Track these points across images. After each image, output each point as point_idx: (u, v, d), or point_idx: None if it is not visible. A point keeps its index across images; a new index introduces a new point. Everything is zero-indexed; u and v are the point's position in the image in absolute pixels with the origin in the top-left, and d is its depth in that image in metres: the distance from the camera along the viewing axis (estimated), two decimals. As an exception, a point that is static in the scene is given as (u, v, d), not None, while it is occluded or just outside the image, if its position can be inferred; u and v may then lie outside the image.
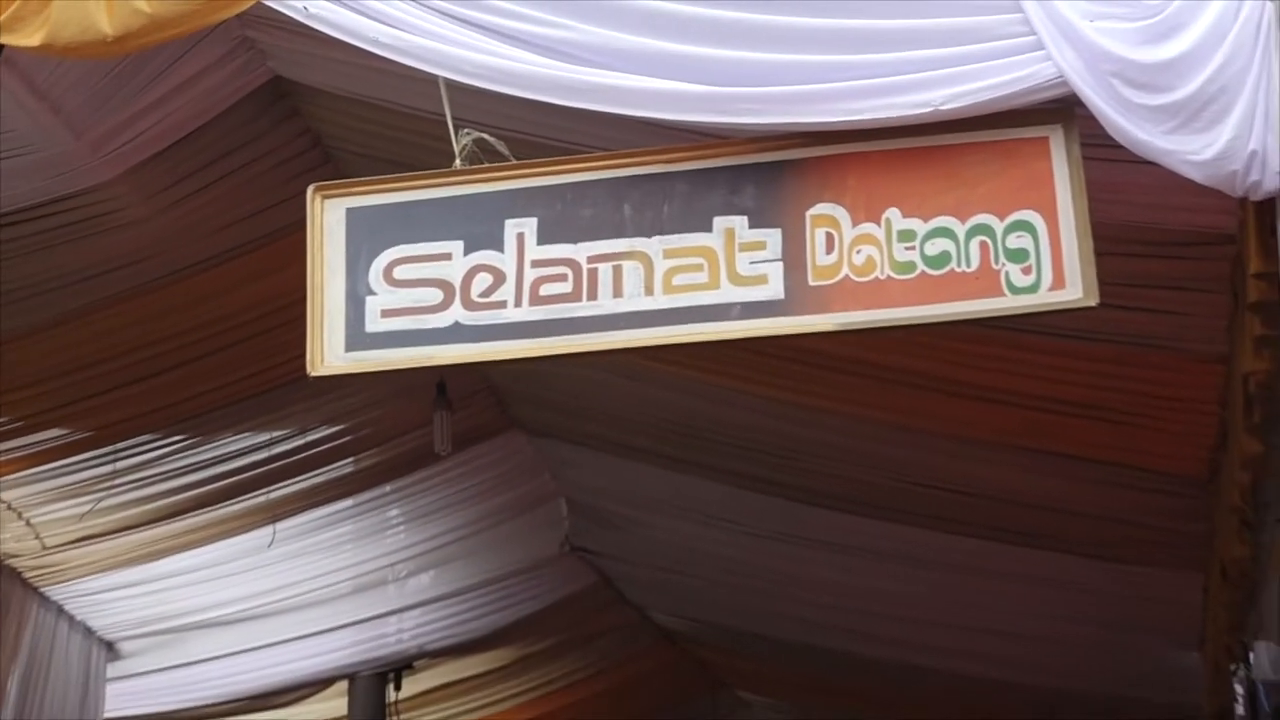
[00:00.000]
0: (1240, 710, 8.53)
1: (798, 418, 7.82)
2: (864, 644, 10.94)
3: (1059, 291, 4.67)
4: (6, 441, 8.46)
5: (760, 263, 4.80)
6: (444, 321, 4.97)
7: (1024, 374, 6.68)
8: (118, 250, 7.15)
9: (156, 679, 11.29)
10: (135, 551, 9.76)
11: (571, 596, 11.40)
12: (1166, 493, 7.37)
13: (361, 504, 9.81)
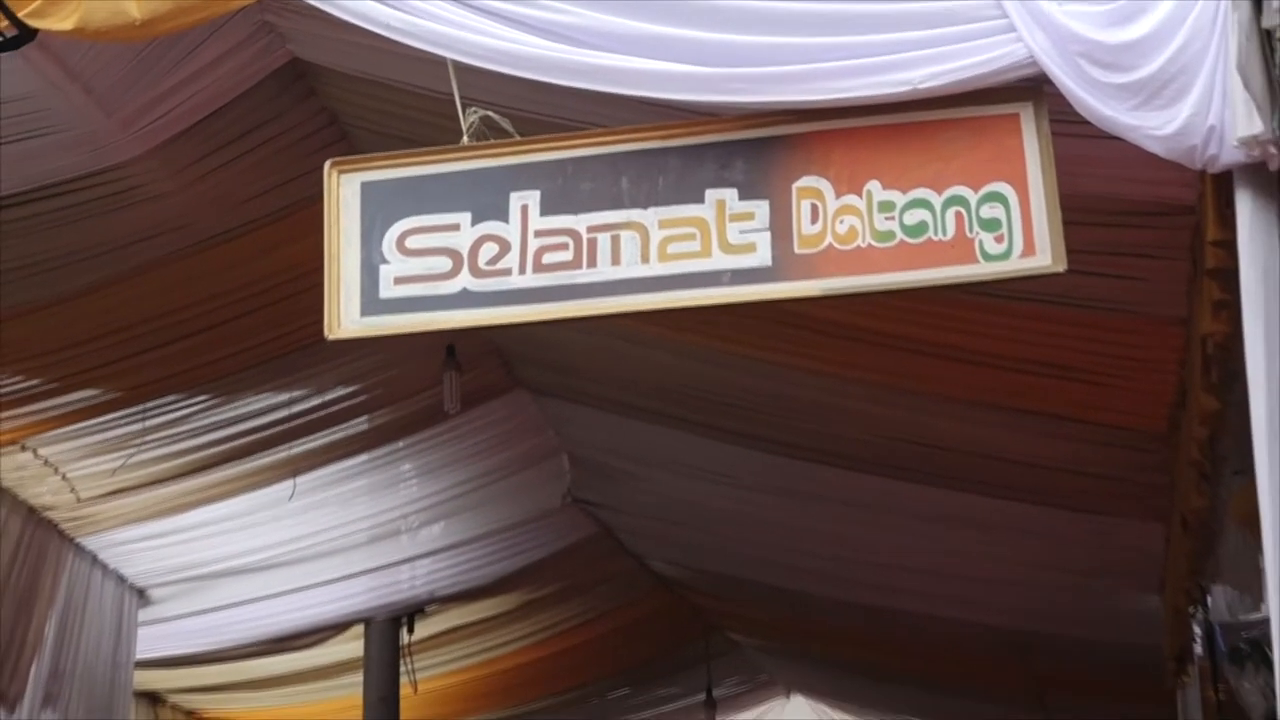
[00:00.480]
0: (1198, 650, 8.56)
1: (786, 378, 7.84)
2: (848, 589, 10.96)
3: (1029, 258, 4.70)
4: (44, 401, 8.50)
5: (749, 232, 4.83)
6: (453, 288, 5.00)
7: (996, 336, 6.70)
8: (147, 222, 7.17)
9: (185, 623, 11.33)
10: (164, 504, 9.78)
11: (573, 546, 11.43)
12: (1130, 447, 7.39)
13: (376, 459, 9.83)
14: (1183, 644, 8.62)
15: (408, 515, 10.54)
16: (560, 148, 5.00)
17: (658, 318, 5.54)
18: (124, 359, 8.21)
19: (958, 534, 9.24)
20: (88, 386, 8.45)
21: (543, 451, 10.23)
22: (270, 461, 9.48)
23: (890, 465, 8.58)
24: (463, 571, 11.37)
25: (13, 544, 9.55)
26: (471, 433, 9.74)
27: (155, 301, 7.76)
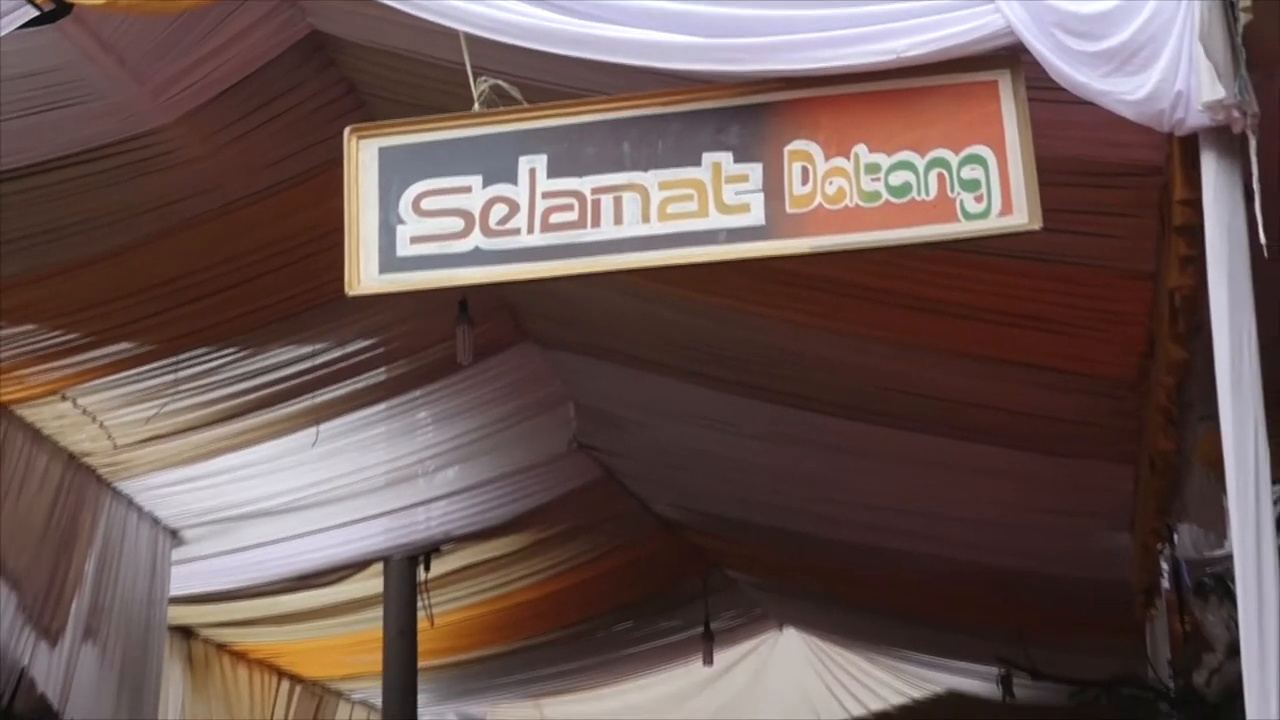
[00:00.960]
0: (1165, 585, 8.59)
1: (779, 331, 7.84)
2: (838, 528, 10.98)
3: (1007, 217, 4.71)
4: (82, 354, 8.52)
5: (744, 193, 4.85)
6: (465, 247, 5.02)
7: (976, 290, 6.71)
8: (177, 185, 7.17)
9: (215, 562, 11.37)
10: (195, 450, 9.81)
11: (579, 489, 11.45)
12: (1102, 394, 7.40)
13: (393, 408, 9.85)
14: (1151, 579, 8.65)
15: (424, 460, 10.57)
16: (566, 114, 5.01)
17: (658, 274, 5.55)
18: (156, 314, 8.22)
19: (941, 477, 9.25)
20: (123, 340, 8.47)
21: (550, 400, 10.24)
22: (294, 410, 9.51)
23: (877, 413, 8.59)
24: (475, 513, 11.40)
25: (53, 488, 9.58)
26: (483, 383, 9.75)
27: (185, 260, 7.77)
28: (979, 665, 12.19)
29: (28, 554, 9.44)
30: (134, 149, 6.82)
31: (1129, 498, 8.27)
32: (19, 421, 9.10)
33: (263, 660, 13.84)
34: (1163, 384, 6.31)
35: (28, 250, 7.41)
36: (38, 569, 9.55)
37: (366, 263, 5.01)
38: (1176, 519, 7.83)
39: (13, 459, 9.13)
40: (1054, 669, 9.01)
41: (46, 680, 9.80)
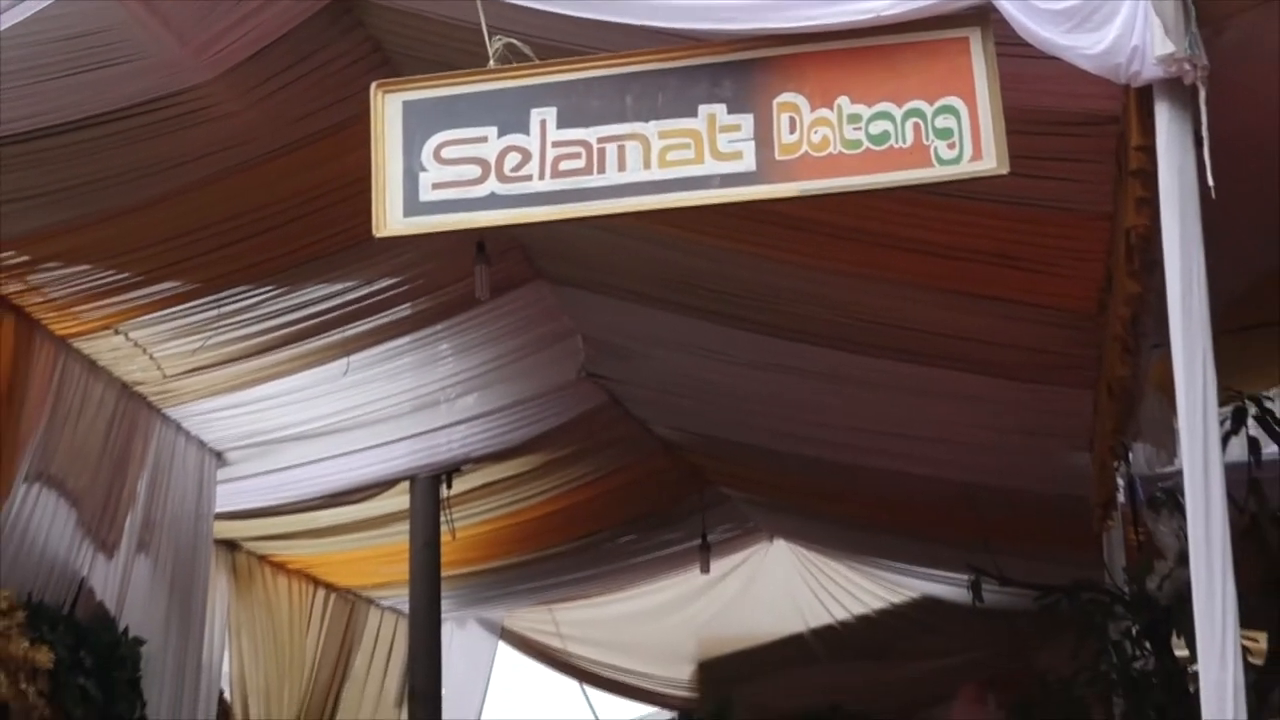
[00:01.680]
0: (1121, 499, 8.61)
1: (770, 269, 7.84)
2: (824, 449, 11.00)
3: (977, 162, 4.73)
4: (133, 291, 8.54)
5: (736, 141, 4.88)
6: (482, 192, 5.04)
7: (949, 230, 6.70)
8: (216, 137, 7.17)
9: (256, 481, 11.40)
10: (237, 379, 9.83)
11: (586, 414, 11.46)
12: (1063, 325, 7.40)
13: (417, 340, 9.85)
14: (1108, 494, 8.66)
15: (445, 388, 10.58)
16: (573, 70, 5.04)
17: (659, 216, 5.53)
18: (199, 255, 8.23)
19: (917, 401, 9.27)
20: (169, 279, 8.47)
21: (560, 333, 10.24)
22: (327, 343, 9.52)
23: (858, 343, 8.60)
24: (492, 436, 11.43)
25: (108, 415, 9.60)
26: (499, 317, 9.75)
27: (225, 206, 7.77)
28: (951, 572, 12.22)
29: (85, 475, 9.47)
30: (176, 104, 6.81)
31: (1088, 420, 8.29)
32: (76, 354, 9.12)
33: (300, 570, 13.88)
34: (1119, 315, 6.30)
35: (79, 197, 7.42)
36: (94, 488, 9.59)
37: (392, 207, 5.03)
38: (1131, 439, 7.85)
39: (70, 388, 9.16)
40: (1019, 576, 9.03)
41: (104, 589, 9.85)
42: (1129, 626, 8.17)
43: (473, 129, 5.02)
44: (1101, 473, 8.49)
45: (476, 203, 5.00)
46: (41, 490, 9.10)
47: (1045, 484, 9.66)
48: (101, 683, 9.53)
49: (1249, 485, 7.06)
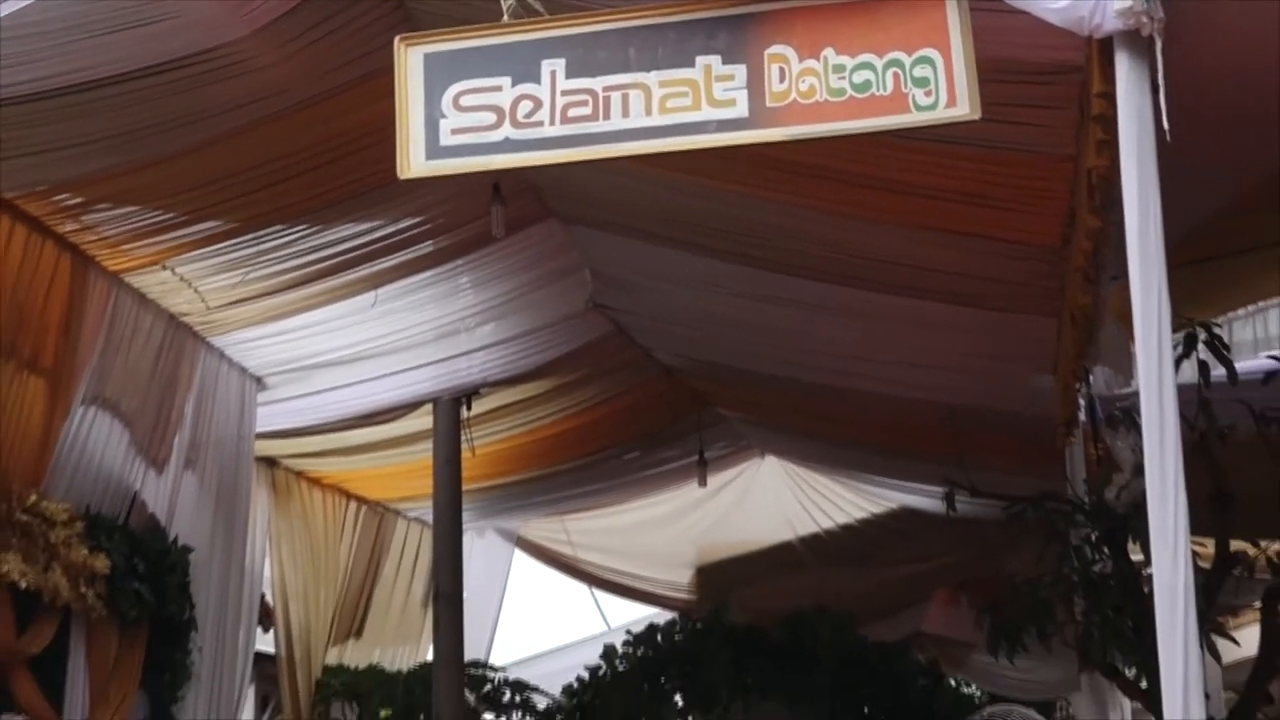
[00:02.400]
0: (1082, 418, 8.62)
1: (761, 207, 7.83)
2: (812, 373, 11.00)
3: (952, 109, 4.73)
4: (178, 230, 8.56)
5: (730, 90, 4.89)
6: (497, 137, 5.05)
7: (924, 171, 6.68)
8: (252, 88, 7.15)
9: (293, 404, 11.42)
10: (275, 310, 9.84)
11: (594, 341, 11.46)
12: (1030, 259, 7.39)
13: (439, 275, 9.84)
14: (1070, 413, 8.68)
15: (464, 318, 10.57)
16: (581, 24, 5.04)
17: (660, 159, 5.55)
18: (238, 197, 8.23)
19: (896, 329, 9.26)
20: (212, 219, 8.48)
21: (569, 267, 10.23)
22: (356, 277, 9.53)
23: (843, 275, 8.59)
24: (508, 362, 11.43)
25: (157, 343, 9.62)
26: (513, 253, 9.74)
27: (261, 151, 7.78)
28: (927, 485, 12.24)
29: (137, 397, 9.51)
30: (215, 58, 6.79)
31: (1052, 345, 8.29)
32: (127, 288, 9.14)
33: (334, 485, 13.94)
34: (1081, 249, 6.30)
35: (128, 144, 7.42)
36: (145, 410, 9.62)
37: (415, 151, 5.03)
38: (1092, 363, 7.85)
39: (123, 319, 9.18)
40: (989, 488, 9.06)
41: (155, 502, 9.90)
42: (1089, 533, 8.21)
43: (488, 79, 5.02)
44: (1064, 394, 8.51)
45: (492, 147, 5.01)
46: (97, 412, 9.14)
47: (1013, 404, 9.67)
48: (154, 587, 9.60)
49: (1199, 405, 7.08)
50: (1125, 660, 7.97)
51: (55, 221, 8.22)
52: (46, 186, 7.85)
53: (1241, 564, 8.00)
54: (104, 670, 9.25)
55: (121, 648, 9.44)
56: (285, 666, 13.41)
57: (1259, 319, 9.19)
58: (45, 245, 8.29)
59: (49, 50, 6.38)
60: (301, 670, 13.51)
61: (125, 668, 9.47)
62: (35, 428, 8.55)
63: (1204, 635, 5.50)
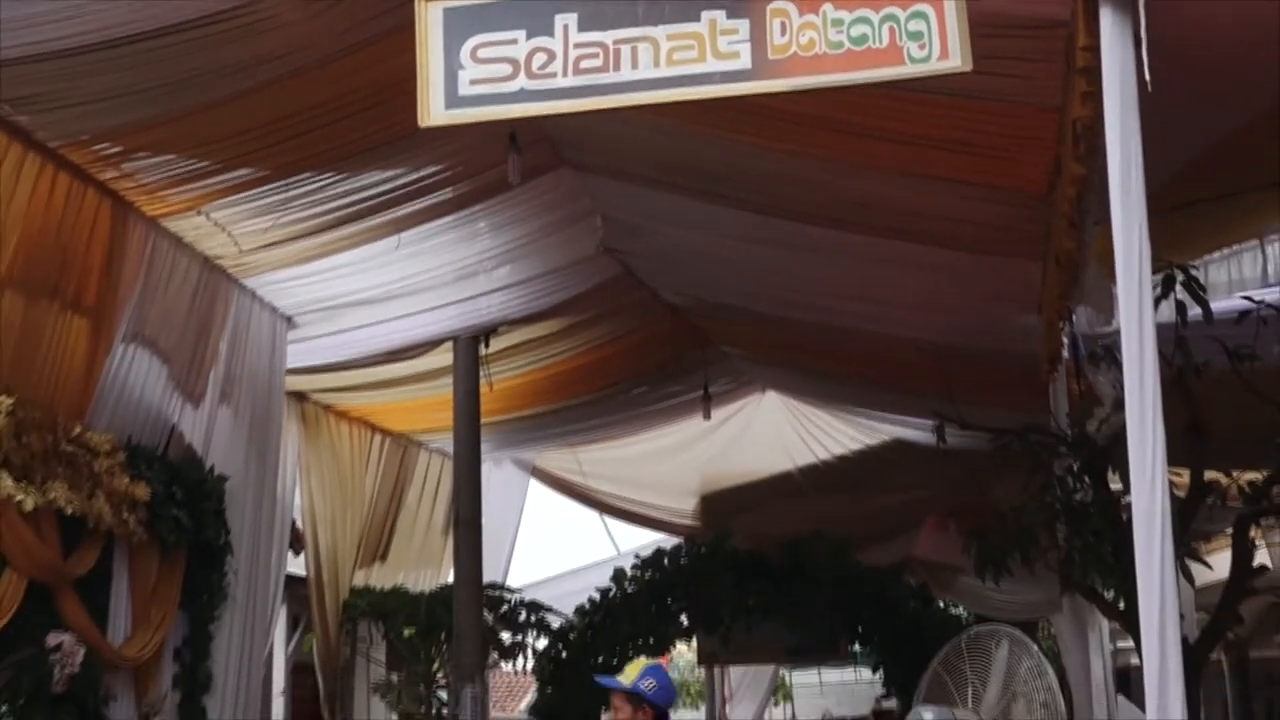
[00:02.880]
0: (1065, 354, 8.63)
1: (762, 155, 7.81)
2: (808, 312, 11.01)
3: (944, 61, 4.72)
4: (213, 178, 8.53)
5: (734, 43, 4.88)
6: (513, 88, 5.05)
7: (918, 121, 6.66)
8: (282, 44, 7.11)
9: (321, 341, 11.43)
10: (304, 253, 9.83)
11: (604, 283, 11.43)
12: (1017, 205, 7.38)
13: (458, 219, 9.81)
14: (1054, 350, 8.69)
15: (482, 261, 10.56)
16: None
17: (667, 109, 5.52)
18: (269, 146, 8.19)
19: (889, 271, 9.27)
20: (244, 166, 8.45)
21: (581, 213, 10.20)
22: (381, 221, 9.50)
23: (839, 220, 8.58)
24: (523, 302, 11.42)
25: (193, 285, 9.62)
26: (528, 199, 9.70)
27: (290, 103, 7.73)
28: (918, 418, 12.28)
29: (174, 335, 9.52)
30: (246, 14, 6.72)
31: (1038, 286, 8.28)
32: (165, 232, 9.13)
33: (360, 418, 13.98)
34: (1066, 195, 6.29)
35: (164, 96, 7.39)
36: (182, 347, 9.64)
37: (435, 101, 5.04)
38: (1075, 303, 7.85)
39: (160, 261, 9.17)
40: (977, 421, 9.07)
41: (192, 433, 9.93)
42: (1071, 464, 8.24)
43: (504, 33, 5.01)
44: (1049, 332, 8.51)
45: (508, 96, 5.01)
46: (137, 350, 9.15)
47: (1000, 342, 9.67)
48: (191, 513, 9.65)
49: (1176, 343, 7.08)
50: (1104, 583, 8.02)
51: (96, 169, 8.21)
52: (87, 136, 7.83)
53: (1214, 492, 8.03)
54: (145, 592, 9.32)
55: (161, 571, 9.50)
56: (315, 588, 13.51)
57: (1233, 261, 9.17)
58: (87, 192, 8.27)
59: (89, 6, 6.35)
60: (330, 591, 13.61)
61: (165, 590, 9.53)
62: (79, 364, 8.57)
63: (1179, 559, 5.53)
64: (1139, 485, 4.35)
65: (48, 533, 8.19)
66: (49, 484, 8.06)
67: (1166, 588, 4.32)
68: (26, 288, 7.92)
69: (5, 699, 7.72)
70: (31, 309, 8.01)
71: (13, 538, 7.83)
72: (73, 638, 8.24)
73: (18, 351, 7.92)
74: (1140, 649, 4.43)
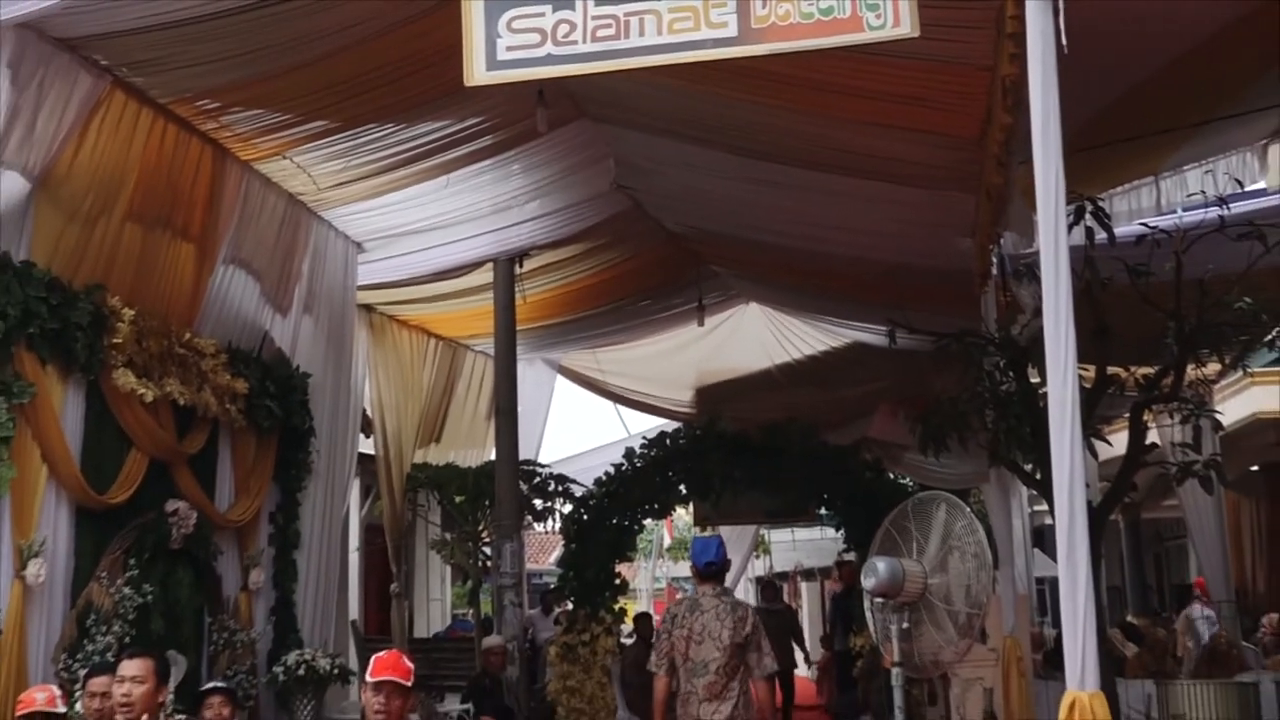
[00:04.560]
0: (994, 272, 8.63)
1: (747, 108, 7.76)
2: (785, 238, 10.97)
3: (897, 28, 4.69)
4: (294, 128, 8.56)
5: (723, 15, 4.88)
6: (542, 53, 5.03)
7: (874, 79, 6.61)
8: (350, 17, 7.10)
9: (385, 263, 11.44)
10: (371, 190, 9.83)
11: (617, 215, 11.41)
12: (956, 148, 7.34)
13: (497, 162, 9.80)
14: (985, 268, 8.68)
15: (515, 196, 10.54)
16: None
17: (668, 69, 5.48)
18: (339, 101, 8.19)
19: (852, 204, 9.23)
20: (320, 118, 8.44)
21: (598, 156, 10.17)
22: (433, 164, 9.50)
23: (811, 162, 8.54)
24: (549, 230, 11.41)
25: (279, 216, 9.65)
26: (553, 145, 9.68)
27: (357, 65, 7.71)
28: (874, 324, 12.27)
29: (265, 258, 9.56)
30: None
31: (972, 215, 8.27)
32: (256, 173, 9.14)
33: (417, 325, 14.04)
34: (995, 140, 6.28)
35: (256, 60, 7.39)
36: (271, 268, 9.68)
37: (478, 64, 5.01)
38: (1002, 229, 7.84)
39: (253, 198, 9.20)
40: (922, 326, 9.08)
41: (281, 339, 10.02)
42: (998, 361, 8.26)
43: (534, 7, 4.98)
44: (981, 253, 8.51)
45: (537, 60, 4.99)
46: (234, 270, 9.22)
47: (941, 261, 9.66)
48: (281, 404, 9.76)
49: (1085, 261, 7.09)
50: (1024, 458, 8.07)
51: (199, 121, 8.21)
52: (192, 94, 7.83)
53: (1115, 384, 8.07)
54: (245, 467, 9.45)
55: (257, 450, 9.62)
56: (382, 464, 13.65)
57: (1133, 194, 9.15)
58: (191, 141, 8.28)
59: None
60: (395, 466, 13.74)
61: (261, 465, 9.66)
62: (187, 282, 8.63)
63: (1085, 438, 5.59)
64: (1054, 378, 4.38)
65: (165, 419, 8.30)
66: (165, 380, 8.16)
67: (1075, 461, 4.36)
68: (144, 220, 7.96)
69: (132, 554, 7.85)
70: (148, 238, 8.05)
71: (136, 424, 7.94)
72: (186, 505, 8.38)
73: (137, 272, 7.98)
74: (1053, 511, 4.48)
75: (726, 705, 6.86)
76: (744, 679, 6.93)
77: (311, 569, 10.28)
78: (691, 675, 6.92)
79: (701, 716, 6.87)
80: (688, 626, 6.96)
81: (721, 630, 6.88)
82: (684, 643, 6.96)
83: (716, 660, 6.87)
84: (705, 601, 7.03)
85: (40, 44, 6.74)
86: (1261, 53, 6.38)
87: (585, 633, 12.39)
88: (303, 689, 9.40)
